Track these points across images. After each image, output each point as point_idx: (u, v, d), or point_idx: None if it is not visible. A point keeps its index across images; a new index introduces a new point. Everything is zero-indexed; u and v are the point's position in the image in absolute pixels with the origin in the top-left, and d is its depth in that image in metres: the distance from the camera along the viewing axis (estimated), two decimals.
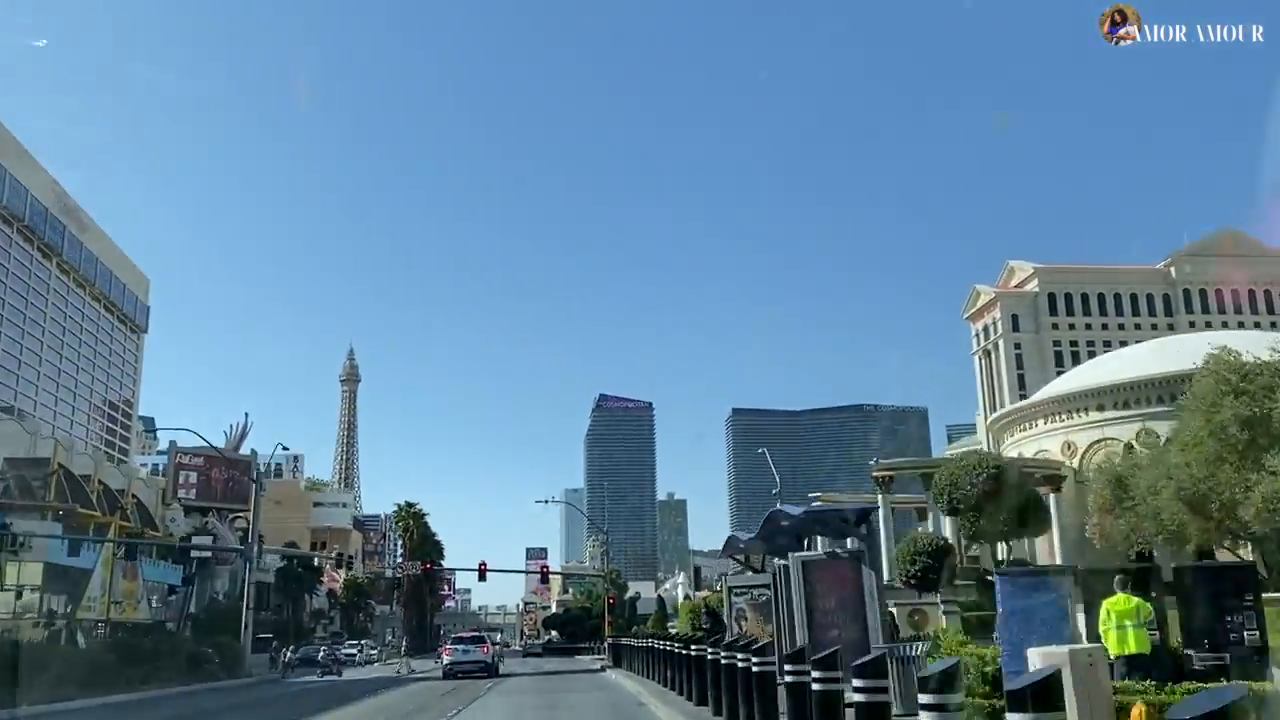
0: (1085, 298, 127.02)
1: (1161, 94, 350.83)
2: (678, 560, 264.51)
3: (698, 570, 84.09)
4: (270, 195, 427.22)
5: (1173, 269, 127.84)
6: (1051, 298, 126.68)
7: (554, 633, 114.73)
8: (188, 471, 75.45)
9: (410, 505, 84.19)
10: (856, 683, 8.75)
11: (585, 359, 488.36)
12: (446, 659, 40.32)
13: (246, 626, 40.70)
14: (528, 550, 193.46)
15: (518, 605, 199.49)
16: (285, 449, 45.91)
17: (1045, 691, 5.97)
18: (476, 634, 47.26)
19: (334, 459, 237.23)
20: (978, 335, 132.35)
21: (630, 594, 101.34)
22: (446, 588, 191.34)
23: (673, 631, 43.49)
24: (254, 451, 72.48)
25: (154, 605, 46.02)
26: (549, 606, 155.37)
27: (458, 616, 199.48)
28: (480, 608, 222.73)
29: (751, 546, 22.89)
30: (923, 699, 7.17)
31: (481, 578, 58.85)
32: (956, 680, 7.51)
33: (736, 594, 21.03)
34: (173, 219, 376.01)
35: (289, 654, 44.91)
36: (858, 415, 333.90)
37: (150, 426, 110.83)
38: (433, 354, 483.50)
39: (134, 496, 57.82)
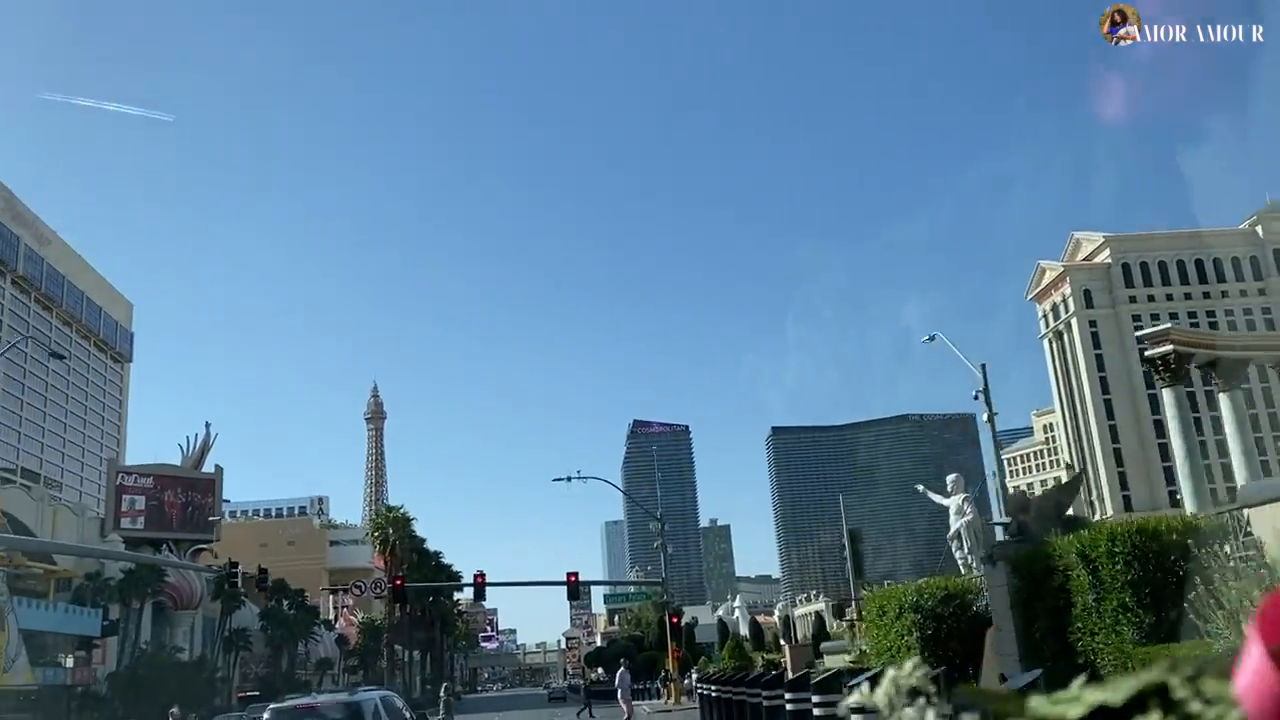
0: (1164, 265, 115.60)
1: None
2: (728, 587, 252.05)
3: (854, 535, 59.11)
4: (281, 221, 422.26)
5: (1259, 227, 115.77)
6: (1126, 268, 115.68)
7: (599, 670, 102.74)
8: (133, 495, 60.14)
9: (391, 510, 69.84)
10: None
11: (618, 386, 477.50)
12: None
13: None
14: None
15: (558, 642, 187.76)
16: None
17: None
18: (344, 697, 19.32)
19: (363, 500, 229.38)
20: (1045, 316, 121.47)
21: (686, 619, 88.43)
22: (489, 628, 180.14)
23: (846, 662, 23.68)
24: (219, 468, 61.64)
25: (59, 663, 35.03)
26: (594, 642, 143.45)
27: (495, 657, 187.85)
28: (519, 646, 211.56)
29: None
30: None
31: (479, 594, 48.10)
32: None
33: None
34: (171, 252, 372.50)
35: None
36: (904, 425, 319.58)
37: None
38: (461, 391, 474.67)
39: (1, 515, 43.15)
